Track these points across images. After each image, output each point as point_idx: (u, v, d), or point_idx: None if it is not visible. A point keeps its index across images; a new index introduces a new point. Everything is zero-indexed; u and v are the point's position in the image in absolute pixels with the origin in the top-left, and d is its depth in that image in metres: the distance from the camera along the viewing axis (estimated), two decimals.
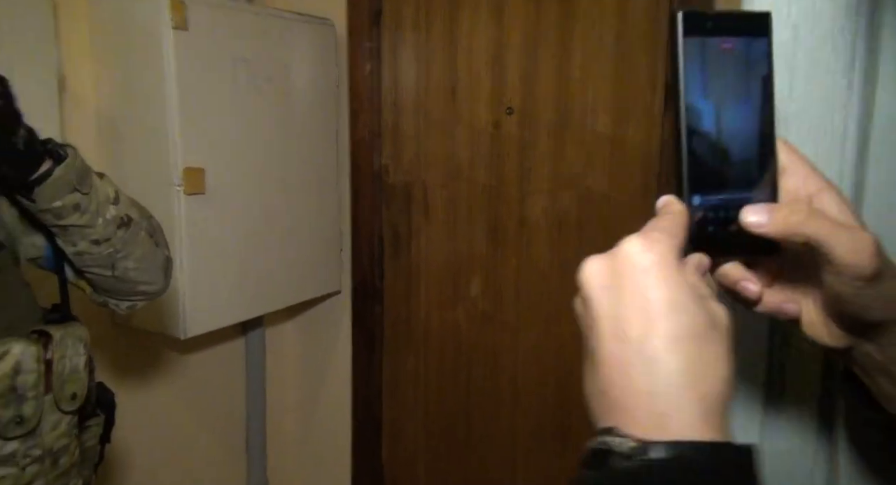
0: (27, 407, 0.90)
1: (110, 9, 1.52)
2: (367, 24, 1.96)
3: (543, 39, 1.81)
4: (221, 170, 1.63)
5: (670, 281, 0.38)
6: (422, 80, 1.96)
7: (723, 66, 0.44)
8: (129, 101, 1.55)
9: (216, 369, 2.02)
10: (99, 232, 0.96)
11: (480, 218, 1.96)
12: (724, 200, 0.44)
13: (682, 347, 0.37)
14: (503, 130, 1.89)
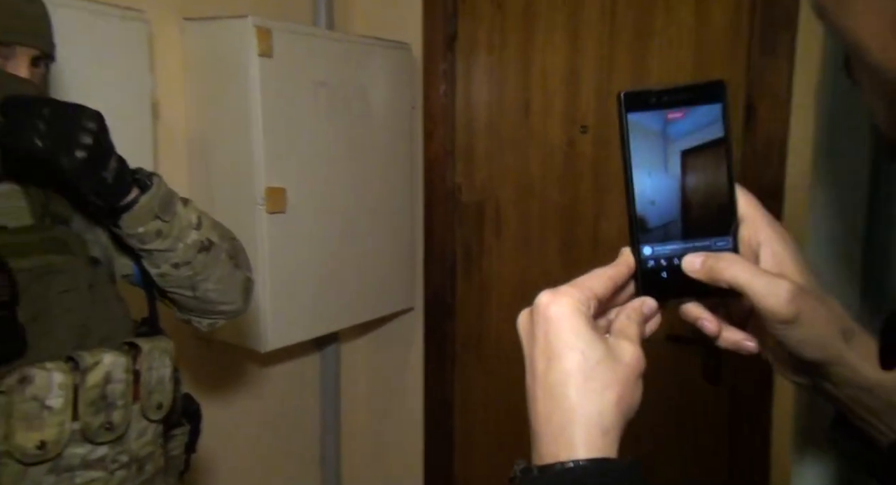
0: (116, 414, 0.95)
1: (202, 38, 1.61)
2: (442, 47, 1.99)
3: (618, 57, 1.79)
4: (301, 189, 1.69)
5: (567, 326, 0.45)
6: (495, 99, 1.98)
7: (672, 133, 0.50)
8: (216, 124, 1.64)
9: (293, 382, 2.07)
10: (180, 256, 1.03)
11: (553, 237, 1.95)
12: (678, 249, 0.51)
13: (572, 380, 0.44)
14: (577, 149, 1.88)
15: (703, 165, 0.50)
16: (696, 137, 0.50)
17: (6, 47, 0.91)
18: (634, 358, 0.46)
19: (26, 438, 0.86)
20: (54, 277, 0.96)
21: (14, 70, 0.92)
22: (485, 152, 2.01)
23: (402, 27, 2.03)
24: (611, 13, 1.78)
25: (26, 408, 0.86)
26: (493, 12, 1.94)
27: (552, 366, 0.45)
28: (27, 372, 0.87)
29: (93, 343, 0.98)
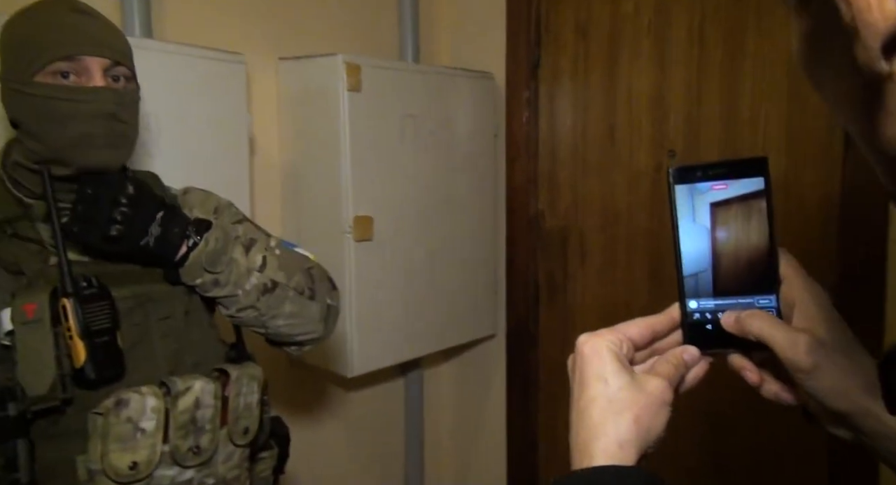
0: (204, 439, 0.98)
1: (295, 76, 1.70)
2: (525, 75, 2.00)
3: (708, 80, 1.74)
4: (387, 218, 1.73)
5: (596, 360, 0.53)
6: (579, 126, 1.96)
7: (717, 204, 0.56)
8: (307, 157, 1.71)
9: (377, 407, 2.10)
10: (241, 301, 1.06)
11: (640, 264, 1.90)
12: (722, 305, 0.57)
13: (596, 403, 0.51)
14: (665, 174, 1.83)
15: (747, 232, 0.55)
16: (741, 207, 0.55)
17: (73, 61, 0.92)
18: (658, 389, 0.52)
19: (120, 458, 0.90)
20: (153, 305, 1.01)
21: (91, 83, 0.93)
22: (569, 179, 2.00)
23: (485, 57, 2.06)
24: (699, 35, 1.74)
25: (121, 430, 0.90)
26: (576, 40, 1.94)
27: (582, 394, 0.52)
28: (123, 395, 0.91)
29: (186, 368, 1.03)
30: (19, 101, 0.93)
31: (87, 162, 0.94)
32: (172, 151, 1.39)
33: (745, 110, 1.70)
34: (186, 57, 1.41)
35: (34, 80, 0.91)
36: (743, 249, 0.56)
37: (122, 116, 0.96)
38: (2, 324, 0.89)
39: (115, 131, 0.95)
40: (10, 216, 0.94)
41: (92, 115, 0.92)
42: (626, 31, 1.85)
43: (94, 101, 0.92)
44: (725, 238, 0.56)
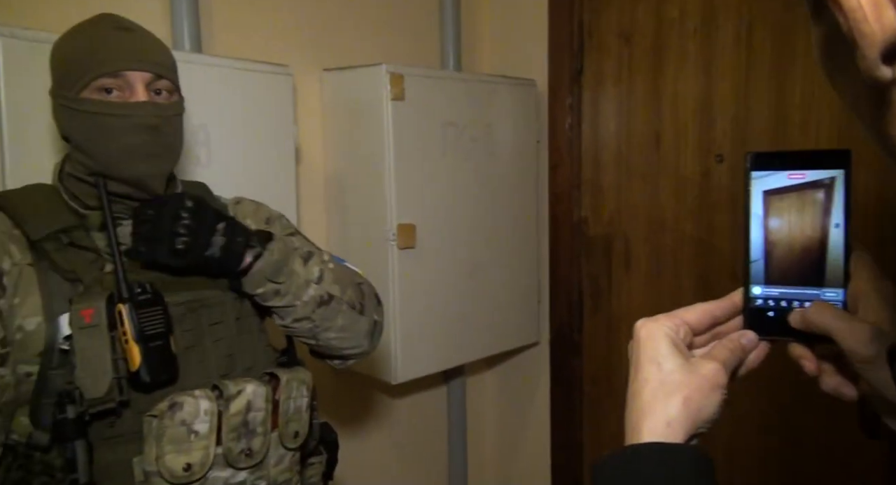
0: (256, 441, 1.00)
1: (339, 87, 1.72)
2: (568, 81, 1.99)
3: (756, 83, 1.70)
4: (431, 225, 1.74)
5: (651, 344, 0.54)
6: (623, 131, 1.94)
7: (793, 191, 0.55)
8: (351, 166, 1.73)
9: (421, 414, 2.11)
10: (298, 312, 1.08)
11: (687, 272, 1.86)
12: (787, 294, 0.56)
13: (648, 385, 0.53)
14: (712, 180, 1.79)
15: (821, 223, 0.54)
16: (816, 198, 0.54)
17: (116, 77, 0.95)
18: (711, 371, 0.52)
19: (175, 460, 0.92)
20: (205, 311, 1.03)
21: (134, 98, 0.96)
22: (613, 185, 1.97)
23: (527, 64, 2.06)
24: (747, 38, 1.70)
25: (175, 432, 0.93)
26: (619, 45, 1.92)
27: (636, 376, 0.54)
28: (177, 398, 0.94)
29: (237, 372, 1.05)
30: (69, 117, 0.97)
31: (132, 173, 0.97)
32: (222, 161, 1.43)
33: (796, 114, 1.65)
34: (235, 70, 1.45)
35: (80, 97, 0.95)
36: (816, 240, 0.55)
37: (165, 129, 0.99)
38: (60, 329, 0.92)
39: (158, 143, 0.98)
40: (67, 226, 0.97)
41: (135, 129, 0.96)
42: (671, 36, 1.82)
43: (136, 116, 0.96)
44: (796, 228, 0.55)
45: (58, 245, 0.95)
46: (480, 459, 2.29)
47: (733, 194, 1.76)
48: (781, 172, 0.55)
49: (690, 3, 1.79)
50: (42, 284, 0.93)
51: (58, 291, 0.94)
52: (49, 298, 0.93)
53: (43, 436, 0.91)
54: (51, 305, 0.93)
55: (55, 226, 0.96)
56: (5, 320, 0.91)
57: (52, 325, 0.92)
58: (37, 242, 0.94)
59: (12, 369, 0.91)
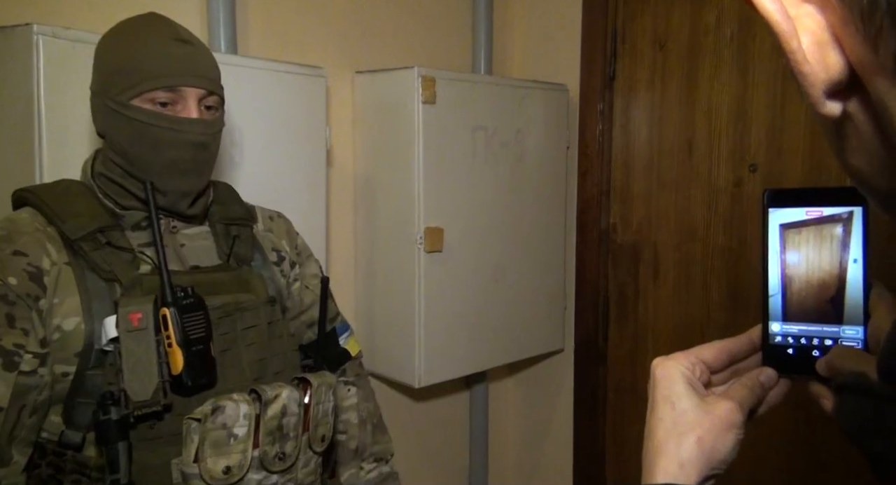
0: (289, 445, 1.00)
1: (371, 89, 1.73)
2: (600, 87, 1.98)
3: (792, 93, 1.67)
4: (458, 229, 1.73)
5: (666, 383, 0.53)
6: (654, 138, 1.92)
7: (811, 227, 0.54)
8: (381, 168, 1.73)
9: (443, 419, 2.10)
10: None
11: (718, 282, 1.83)
12: (807, 331, 0.55)
13: (662, 424, 0.52)
14: (745, 189, 1.77)
15: (839, 259, 0.53)
16: (834, 233, 0.53)
17: (172, 92, 0.95)
18: (725, 411, 0.51)
19: (216, 463, 0.93)
20: (241, 315, 1.04)
21: (185, 113, 0.96)
22: (643, 192, 1.95)
23: (559, 69, 2.05)
24: None
25: (216, 435, 0.93)
26: (654, 52, 1.90)
27: (652, 415, 0.53)
28: (220, 402, 0.94)
29: (268, 376, 1.05)
30: (114, 120, 0.97)
31: (174, 186, 0.98)
32: (254, 162, 1.44)
33: None
34: (269, 72, 1.46)
35: (132, 104, 0.95)
36: (834, 277, 0.54)
37: (210, 146, 1.00)
38: (106, 331, 0.92)
39: (201, 159, 1.00)
40: (104, 225, 0.97)
41: (184, 144, 0.97)
42: (706, 43, 1.80)
43: (189, 132, 0.96)
44: (814, 265, 0.55)
45: (95, 245, 0.95)
46: (502, 465, 2.27)
47: None
48: (799, 209, 0.55)
49: (728, 10, 1.76)
50: (80, 284, 0.94)
51: (96, 291, 0.94)
52: (88, 298, 0.94)
53: (75, 435, 0.92)
54: (90, 305, 0.93)
55: (93, 225, 0.96)
56: (45, 320, 0.91)
57: (91, 325, 0.93)
58: (74, 242, 0.95)
59: (50, 368, 0.92)
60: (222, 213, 1.11)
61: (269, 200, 1.25)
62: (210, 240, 1.09)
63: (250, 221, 1.15)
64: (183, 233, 1.06)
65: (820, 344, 0.55)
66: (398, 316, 1.72)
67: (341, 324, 1.29)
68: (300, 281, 1.21)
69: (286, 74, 1.49)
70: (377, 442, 1.29)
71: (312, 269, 1.24)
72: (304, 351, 1.20)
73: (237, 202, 1.15)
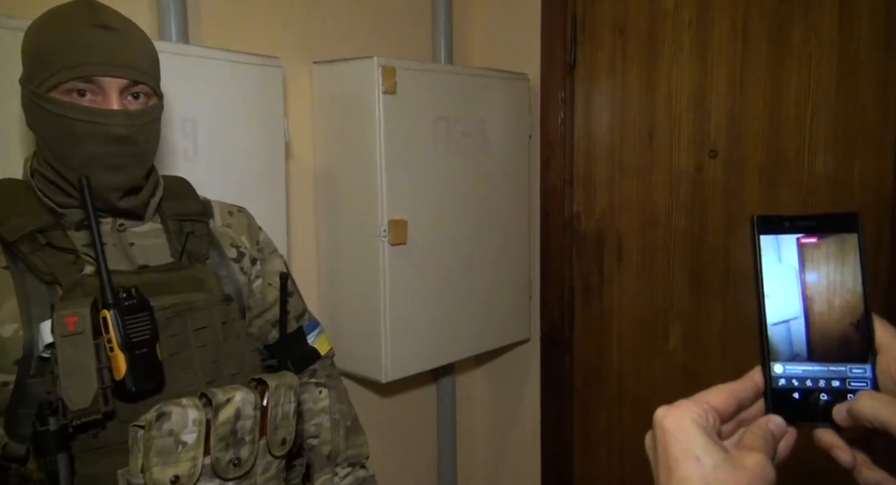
0: (244, 450, 0.95)
1: (329, 80, 1.68)
2: (561, 75, 1.97)
3: (751, 77, 1.69)
4: (422, 221, 1.71)
5: (682, 435, 0.46)
6: (616, 126, 1.93)
7: (804, 258, 0.51)
8: (342, 160, 1.69)
9: (410, 413, 2.08)
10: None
11: (680, 267, 1.85)
12: (811, 372, 0.51)
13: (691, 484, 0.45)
14: (706, 174, 1.78)
15: (838, 291, 0.51)
16: (830, 264, 0.51)
17: (89, 82, 0.90)
18: (758, 465, 0.45)
19: (162, 472, 0.87)
20: (191, 315, 0.99)
21: (106, 105, 0.91)
22: (605, 180, 1.96)
23: (519, 58, 2.03)
24: (742, 30, 1.69)
25: (162, 443, 0.87)
26: (614, 38, 1.90)
27: (671, 475, 0.46)
28: (165, 408, 0.88)
29: (223, 379, 1.01)
30: (36, 113, 0.92)
31: (98, 182, 0.92)
32: (209, 155, 1.39)
33: (791, 107, 1.64)
34: (223, 62, 1.41)
35: (49, 96, 0.90)
36: (835, 311, 0.51)
37: (136, 138, 0.94)
38: (42, 336, 0.87)
39: (127, 153, 0.93)
40: (43, 225, 0.92)
41: (102, 138, 0.91)
42: (665, 28, 1.81)
43: (105, 124, 0.90)
44: (812, 296, 0.51)
45: (34, 246, 0.90)
46: (470, 457, 2.27)
47: (727, 189, 1.75)
48: (790, 236, 0.52)
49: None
50: (18, 289, 0.89)
51: (35, 295, 0.89)
52: (26, 302, 0.88)
53: (19, 447, 0.87)
54: (28, 310, 0.88)
55: (31, 226, 0.90)
56: None
57: (30, 331, 0.88)
58: (12, 244, 0.89)
59: None
60: (175, 209, 1.06)
61: (225, 195, 1.21)
62: (162, 238, 1.03)
63: (205, 216, 1.10)
64: (132, 231, 1.01)
65: (827, 387, 0.51)
66: (363, 311, 1.69)
67: (309, 321, 1.25)
68: (262, 278, 1.16)
69: (240, 65, 1.44)
70: (352, 445, 1.25)
71: (276, 265, 1.19)
72: (270, 351, 1.16)
73: (191, 197, 1.10)
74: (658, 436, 0.48)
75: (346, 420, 1.25)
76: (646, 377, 1.93)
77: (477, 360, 2.23)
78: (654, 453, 0.49)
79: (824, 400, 0.50)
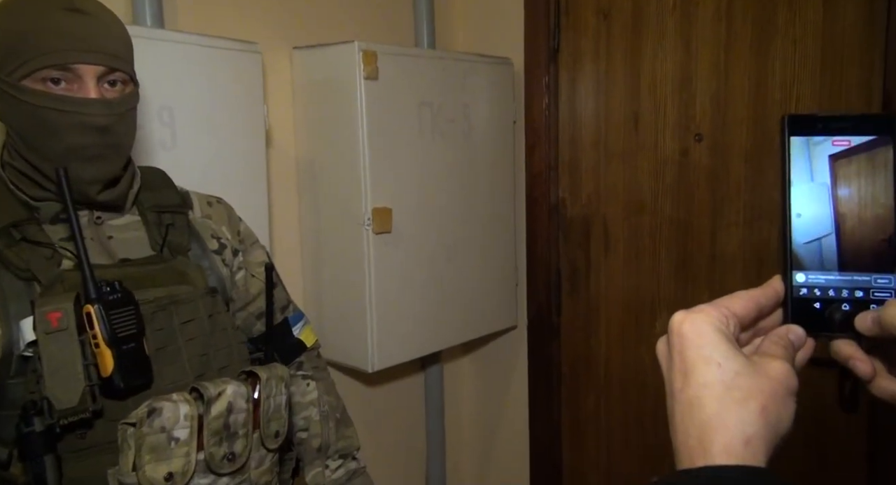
0: (238, 444, 0.93)
1: (310, 65, 1.65)
2: (545, 60, 1.95)
3: (736, 61, 1.68)
4: (406, 209, 1.69)
5: (702, 341, 0.44)
6: (601, 111, 1.91)
7: (835, 160, 0.49)
8: (324, 148, 1.67)
9: (398, 403, 2.07)
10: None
11: (667, 253, 1.85)
12: (834, 281, 0.49)
13: (709, 391, 0.42)
14: (691, 159, 1.77)
15: (867, 197, 0.49)
16: (861, 167, 0.49)
17: (64, 70, 0.86)
18: (782, 373, 0.44)
19: (155, 470, 0.85)
20: (177, 308, 0.97)
21: (82, 93, 0.88)
22: (591, 165, 1.95)
23: (503, 43, 2.01)
24: (727, 13, 1.68)
25: (154, 440, 0.85)
26: (597, 22, 1.88)
27: (689, 381, 0.44)
28: (156, 404, 0.86)
29: (213, 372, 0.99)
30: (7, 103, 0.88)
31: (77, 174, 0.89)
32: (187, 144, 1.36)
33: (776, 90, 1.64)
34: (200, 47, 1.37)
35: (22, 85, 0.86)
36: (862, 217, 0.49)
37: (116, 128, 0.91)
38: (23, 334, 0.85)
39: (106, 144, 0.90)
40: (17, 219, 0.89)
41: (82, 128, 0.87)
42: (649, 11, 1.79)
43: (84, 114, 0.87)
44: (841, 203, 0.48)
45: (8, 241, 0.87)
46: (459, 445, 2.26)
47: (712, 173, 1.75)
48: (825, 138, 0.49)
49: None
50: None
51: (12, 292, 0.86)
52: (3, 300, 0.86)
53: (1, 451, 0.84)
54: (6, 308, 0.86)
55: (4, 220, 0.88)
56: None
57: (9, 330, 0.85)
58: None
59: None
60: (153, 200, 1.03)
61: (204, 185, 1.18)
62: (141, 230, 1.01)
63: (184, 207, 1.07)
64: (109, 224, 0.99)
65: (850, 296, 0.49)
66: (348, 300, 1.67)
67: (294, 313, 1.23)
68: (245, 269, 1.14)
69: (218, 50, 1.40)
70: (342, 437, 1.24)
71: (258, 256, 1.17)
72: (255, 344, 1.14)
73: (169, 188, 1.07)
74: (674, 342, 0.45)
75: (334, 412, 1.23)
76: (633, 363, 1.93)
77: (464, 348, 2.22)
78: (667, 359, 0.47)
79: (845, 310, 0.49)
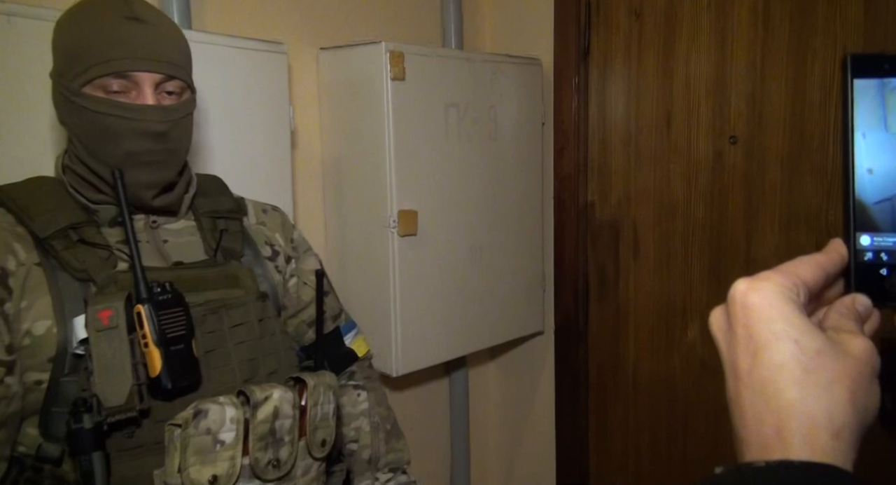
0: (283, 451, 0.91)
1: (336, 66, 1.64)
2: (575, 60, 1.91)
3: (773, 59, 1.63)
4: (432, 211, 1.67)
5: (773, 314, 0.37)
6: (632, 112, 1.87)
7: None
8: (350, 149, 1.65)
9: (422, 407, 2.05)
10: None
11: (699, 258, 1.80)
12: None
13: (786, 373, 0.36)
14: (726, 162, 1.72)
15: None
16: None
17: (123, 78, 0.88)
18: (865, 352, 0.38)
19: (200, 472, 0.85)
20: (227, 312, 0.97)
21: (140, 100, 0.90)
22: (621, 168, 1.90)
23: (531, 42, 1.98)
24: (764, 10, 1.63)
25: (200, 442, 0.85)
26: (630, 22, 1.84)
27: (759, 360, 0.37)
28: (202, 406, 0.86)
29: (261, 377, 0.98)
30: (69, 109, 0.90)
31: (135, 178, 0.91)
32: (213, 144, 1.35)
33: (815, 91, 1.58)
34: (226, 48, 1.37)
35: (83, 92, 0.88)
36: None
37: (172, 134, 0.93)
38: (75, 332, 0.85)
39: (162, 150, 0.92)
40: (76, 222, 0.91)
41: (140, 134, 0.89)
42: (683, 11, 1.75)
43: (141, 121, 0.89)
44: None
45: (66, 243, 0.89)
46: (484, 451, 2.23)
47: (747, 177, 1.70)
48: (890, 80, 0.43)
49: None
50: (51, 285, 0.87)
51: (69, 291, 0.88)
52: (60, 299, 0.87)
53: (54, 448, 0.85)
54: (62, 307, 0.86)
55: (63, 222, 0.89)
56: (11, 325, 0.84)
57: (64, 328, 0.86)
58: (44, 240, 0.88)
59: (19, 377, 0.84)
60: (208, 206, 1.05)
61: (230, 186, 1.17)
62: (196, 235, 1.02)
63: (239, 213, 1.09)
64: (165, 228, 1.00)
65: None
66: (373, 303, 1.65)
67: (346, 322, 1.21)
68: (297, 277, 1.14)
69: (244, 51, 1.40)
70: (392, 450, 1.21)
71: (310, 264, 1.17)
72: (306, 352, 1.13)
73: (225, 194, 1.09)
74: (738, 314, 0.39)
75: (385, 424, 1.21)
76: (663, 371, 1.89)
77: (490, 353, 2.19)
78: (727, 334, 0.40)
79: None
